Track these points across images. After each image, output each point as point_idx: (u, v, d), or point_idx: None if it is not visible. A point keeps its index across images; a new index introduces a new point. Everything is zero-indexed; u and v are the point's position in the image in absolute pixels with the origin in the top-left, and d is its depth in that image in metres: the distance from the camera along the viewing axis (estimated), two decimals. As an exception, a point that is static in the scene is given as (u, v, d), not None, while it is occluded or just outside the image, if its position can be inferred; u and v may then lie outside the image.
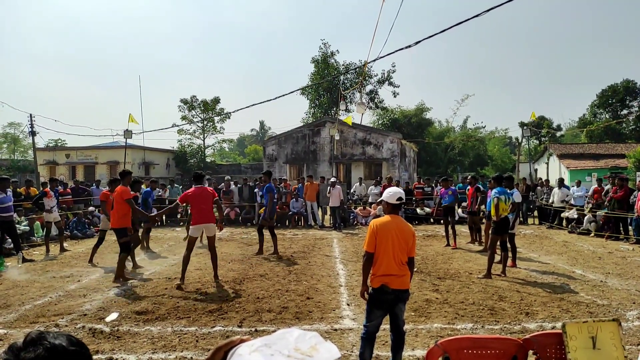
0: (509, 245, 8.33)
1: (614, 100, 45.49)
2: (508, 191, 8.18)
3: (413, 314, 5.70)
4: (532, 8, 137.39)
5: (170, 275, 8.05)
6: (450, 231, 10.99)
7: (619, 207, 12.15)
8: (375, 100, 39.76)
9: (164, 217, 16.48)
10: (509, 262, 8.34)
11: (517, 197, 8.73)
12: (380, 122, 40.48)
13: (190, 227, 7.58)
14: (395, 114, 40.56)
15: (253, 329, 5.13)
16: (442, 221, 12.55)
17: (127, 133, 17.53)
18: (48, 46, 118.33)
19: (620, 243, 11.64)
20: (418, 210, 16.66)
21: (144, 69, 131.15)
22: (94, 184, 17.83)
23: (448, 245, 11.01)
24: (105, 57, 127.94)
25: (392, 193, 4.04)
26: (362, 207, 16.18)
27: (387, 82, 39.19)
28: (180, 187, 20.12)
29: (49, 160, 31.29)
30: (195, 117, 37.13)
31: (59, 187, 14.47)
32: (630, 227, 12.05)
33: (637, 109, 43.53)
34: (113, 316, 5.67)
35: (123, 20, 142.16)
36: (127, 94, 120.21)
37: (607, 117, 44.61)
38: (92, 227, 14.00)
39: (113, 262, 9.06)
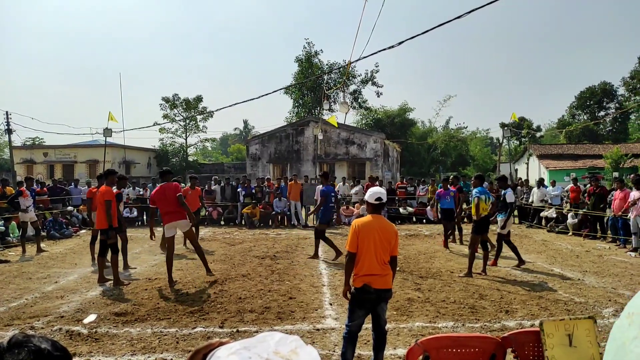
0: (491, 244, 8.43)
1: (591, 102, 46.56)
2: (487, 191, 8.25)
3: (395, 312, 5.72)
4: (513, 11, 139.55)
5: (151, 275, 7.94)
6: (452, 233, 10.75)
7: (597, 206, 12.40)
8: (359, 100, 39.88)
9: (144, 217, 16.27)
10: (490, 261, 8.45)
11: (509, 196, 8.68)
12: (363, 122, 40.67)
13: (164, 228, 7.46)
14: (378, 114, 40.80)
15: (235, 330, 5.09)
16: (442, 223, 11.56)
17: (107, 131, 17.23)
18: (25, 42, 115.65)
19: (597, 242, 11.90)
20: (401, 209, 16.76)
21: (124, 66, 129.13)
22: (72, 183, 17.48)
23: (447, 247, 10.71)
24: (84, 54, 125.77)
25: (372, 193, 4.05)
26: (345, 207, 16.21)
27: (370, 82, 39.34)
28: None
29: (26, 159, 30.59)
30: (177, 116, 36.73)
31: (36, 186, 14.16)
32: (607, 226, 12.32)
33: (613, 110, 44.57)
34: (91, 318, 5.56)
35: (103, 17, 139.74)
36: (108, 91, 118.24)
37: (585, 118, 45.63)
38: (70, 227, 13.72)
39: (93, 263, 8.91)
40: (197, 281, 7.46)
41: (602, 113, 45.71)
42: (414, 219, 16.58)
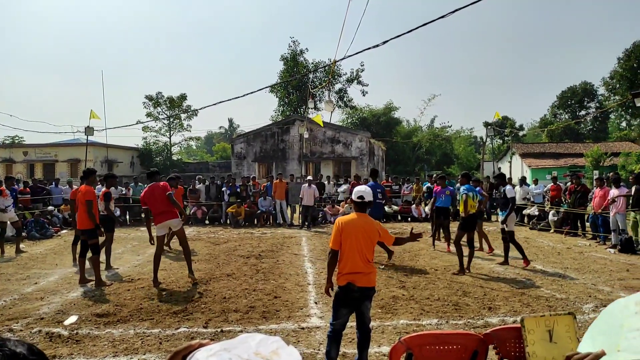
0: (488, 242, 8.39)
1: (573, 102, 47.45)
2: (475, 188, 8.26)
3: (380, 310, 5.74)
4: (497, 11, 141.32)
5: (134, 276, 7.83)
6: (444, 233, 10.58)
7: (578, 204, 12.62)
8: (345, 99, 39.97)
9: (127, 217, 16.06)
10: (523, 261, 8.34)
11: (509, 192, 8.50)
12: (349, 120, 40.76)
13: (155, 227, 7.36)
14: (364, 112, 40.95)
15: (219, 330, 5.05)
16: (432, 222, 11.54)
17: (89, 130, 16.93)
18: (4, 38, 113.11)
19: (578, 239, 12.12)
20: (386, 208, 16.82)
21: (107, 64, 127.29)
22: (53, 183, 17.15)
23: (434, 247, 10.69)
24: (65, 51, 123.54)
25: (355, 191, 4.07)
26: (331, 205, 16.21)
27: (356, 81, 39.47)
28: (145, 185, 19.67)
29: (5, 158, 29.96)
30: (161, 114, 36.34)
31: (18, 185, 13.87)
32: (587, 224, 12.56)
33: (594, 110, 45.44)
34: (72, 319, 5.46)
35: (86, 13, 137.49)
36: (90, 89, 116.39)
37: (567, 117, 46.47)
38: (51, 227, 13.46)
39: (75, 264, 8.75)
40: (181, 281, 7.39)
41: (583, 112, 46.64)
42: (399, 217, 16.68)
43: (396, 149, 37.92)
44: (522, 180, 15.87)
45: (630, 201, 10.34)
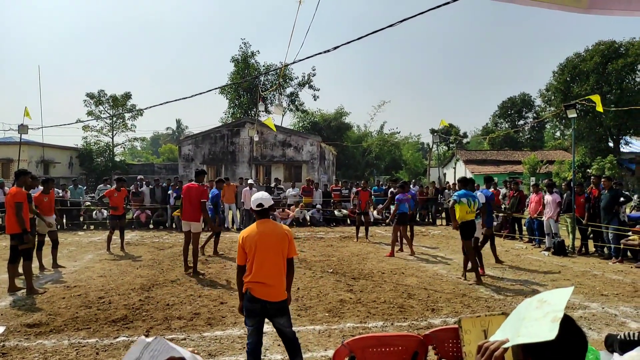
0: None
1: (512, 112, 50.12)
2: (472, 193, 7.93)
3: (327, 314, 5.76)
4: (443, 22, 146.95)
5: (69, 283, 7.40)
6: (409, 235, 10.55)
7: (516, 209, 13.27)
8: (296, 103, 39.99)
9: (64, 220, 15.18)
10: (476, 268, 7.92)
11: (480, 197, 8.35)
12: (300, 124, 40.83)
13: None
14: (315, 117, 41.19)
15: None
16: (393, 226, 10.84)
17: (23, 128, 15.81)
18: None
19: (515, 242, 12.78)
20: (336, 212, 16.98)
21: (44, 59, 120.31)
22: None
23: (401, 250, 10.70)
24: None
25: (253, 199, 3.88)
26: (281, 209, 16.12)
27: (307, 85, 39.58)
28: (85, 187, 18.68)
29: None
30: (103, 113, 34.75)
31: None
32: (524, 228, 13.25)
33: (531, 119, 48.19)
34: (-2, 331, 5.07)
35: (22, 6, 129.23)
36: (24, 85, 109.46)
37: (507, 126, 48.96)
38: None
39: (3, 272, 8.15)
40: (122, 288, 7.07)
41: (521, 122, 49.33)
42: (348, 221, 16.86)
43: (346, 153, 38.41)
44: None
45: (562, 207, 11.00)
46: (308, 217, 16.69)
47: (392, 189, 13.07)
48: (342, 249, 11.10)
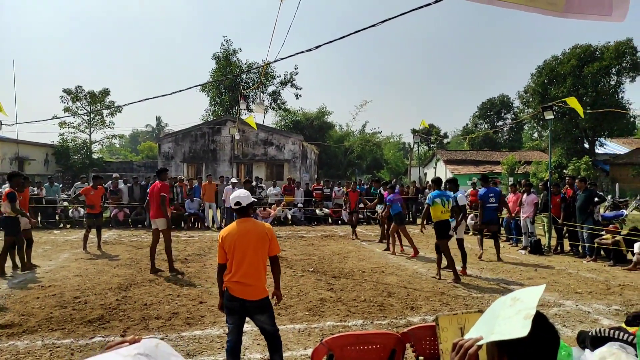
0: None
1: (491, 113, 50.94)
2: (448, 193, 8.02)
3: (307, 313, 5.76)
4: (425, 24, 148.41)
5: (44, 283, 7.23)
6: (403, 235, 10.59)
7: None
8: (278, 101, 39.85)
9: (39, 218, 14.81)
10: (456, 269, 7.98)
11: (460, 199, 8.51)
12: (282, 123, 40.72)
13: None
14: (297, 116, 41.13)
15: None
16: (386, 226, 11.41)
17: (-4, 124, 15.40)
18: None
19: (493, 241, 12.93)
20: (317, 211, 16.99)
21: (20, 54, 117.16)
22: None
23: (387, 250, 10.77)
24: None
25: (231, 198, 3.84)
26: (262, 208, 16.05)
27: (289, 84, 39.48)
28: (61, 185, 18.27)
29: None
30: (81, 109, 34.02)
31: None
32: (502, 227, 13.45)
33: (510, 121, 49.04)
34: (-33, 332, 4.92)
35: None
36: None
37: (486, 127, 49.73)
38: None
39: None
40: (98, 287, 6.94)
41: (500, 123, 50.18)
42: (330, 220, 16.90)
43: (328, 152, 38.48)
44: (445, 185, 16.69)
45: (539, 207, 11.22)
46: (289, 216, 16.67)
47: (381, 189, 13.19)
48: (323, 248, 11.11)
